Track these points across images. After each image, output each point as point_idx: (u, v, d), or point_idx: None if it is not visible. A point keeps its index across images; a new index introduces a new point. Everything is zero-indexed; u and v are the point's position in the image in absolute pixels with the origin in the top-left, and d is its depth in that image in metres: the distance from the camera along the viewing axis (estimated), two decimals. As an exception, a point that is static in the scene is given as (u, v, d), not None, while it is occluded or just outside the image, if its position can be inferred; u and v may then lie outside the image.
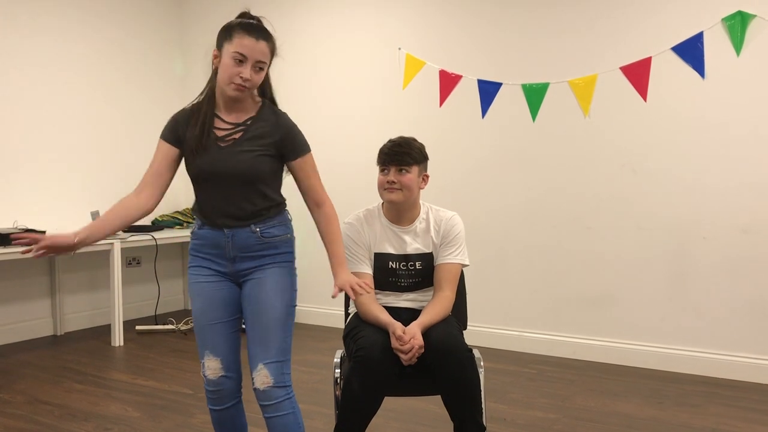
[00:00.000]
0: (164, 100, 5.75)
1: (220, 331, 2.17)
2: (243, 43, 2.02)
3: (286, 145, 2.16)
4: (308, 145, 2.21)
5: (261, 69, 2.08)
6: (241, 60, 2.03)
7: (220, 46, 2.08)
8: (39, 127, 4.92)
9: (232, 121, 2.14)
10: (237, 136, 2.12)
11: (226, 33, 2.06)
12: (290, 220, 2.27)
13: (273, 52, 2.12)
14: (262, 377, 2.09)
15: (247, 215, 2.15)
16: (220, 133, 2.13)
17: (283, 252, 2.20)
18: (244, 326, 2.21)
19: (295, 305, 2.20)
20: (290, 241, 2.24)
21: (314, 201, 2.21)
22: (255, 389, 2.12)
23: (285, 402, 2.11)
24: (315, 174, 2.22)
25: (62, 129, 5.06)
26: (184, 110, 2.22)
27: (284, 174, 2.25)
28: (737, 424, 3.13)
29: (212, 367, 2.16)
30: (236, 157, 2.10)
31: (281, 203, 2.24)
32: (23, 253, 2.00)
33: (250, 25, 2.05)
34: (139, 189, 2.22)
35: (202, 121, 2.13)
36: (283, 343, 2.13)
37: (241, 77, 2.03)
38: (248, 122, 2.14)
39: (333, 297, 2.12)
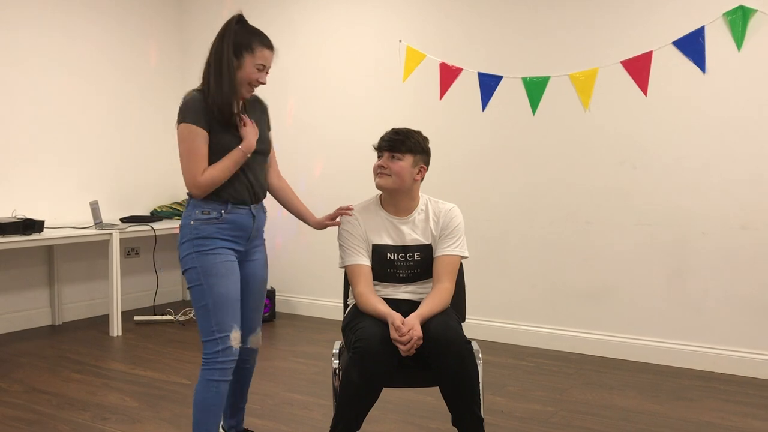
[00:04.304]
0: (162, 95, 5.73)
1: (240, 306, 2.43)
2: (264, 55, 2.37)
3: (268, 119, 2.58)
4: None
5: (267, 74, 2.43)
6: (261, 69, 2.37)
7: (238, 55, 2.33)
8: (38, 119, 4.91)
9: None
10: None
11: (246, 45, 2.33)
12: None
13: None
14: (258, 339, 2.61)
15: (263, 192, 2.51)
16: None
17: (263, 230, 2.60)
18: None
19: None
20: None
21: (276, 173, 2.64)
22: (247, 349, 2.56)
23: None
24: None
25: (61, 120, 5.05)
26: (195, 98, 2.35)
27: None
28: (733, 418, 3.14)
29: (237, 338, 2.38)
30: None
31: None
32: None
33: (265, 38, 2.39)
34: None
35: (228, 104, 2.34)
36: None
37: (259, 81, 2.37)
38: (245, 108, 2.47)
39: (328, 223, 2.64)
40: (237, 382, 2.61)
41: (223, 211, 2.37)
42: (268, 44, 2.39)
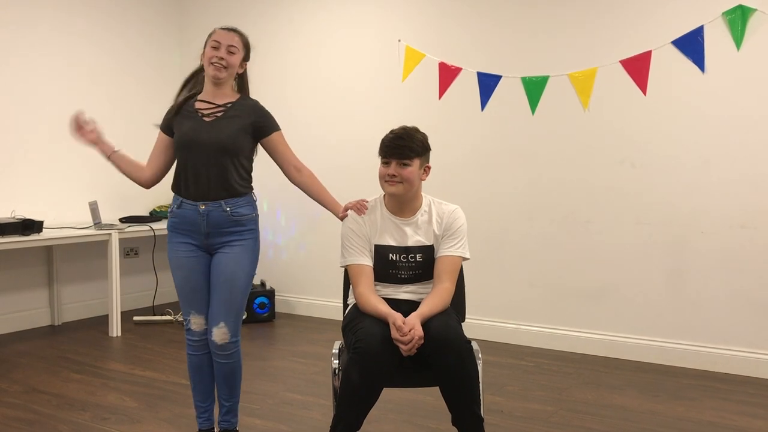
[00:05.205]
0: (162, 93, 5.72)
1: (201, 296, 2.64)
2: (218, 33, 2.60)
3: (261, 123, 2.62)
4: (279, 125, 2.69)
5: (232, 53, 2.58)
6: (216, 46, 2.56)
7: (204, 46, 2.62)
8: (37, 118, 4.90)
9: (216, 102, 2.61)
10: (219, 114, 2.59)
11: (208, 36, 2.62)
12: (255, 201, 2.70)
13: (246, 45, 2.65)
14: (222, 334, 2.59)
15: (221, 190, 2.56)
16: (205, 111, 2.60)
17: (249, 229, 2.63)
18: None
19: (254, 274, 2.69)
20: (255, 219, 2.67)
21: (294, 167, 2.68)
22: (212, 341, 2.60)
23: (235, 351, 2.64)
24: (288, 147, 2.70)
25: (60, 120, 5.03)
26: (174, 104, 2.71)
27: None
28: (733, 417, 3.14)
29: (197, 322, 2.66)
30: (218, 129, 2.55)
31: (250, 184, 2.67)
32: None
33: (224, 26, 2.65)
34: (146, 164, 2.81)
35: (185, 96, 2.68)
36: (241, 307, 2.64)
37: (217, 56, 2.55)
38: (228, 105, 2.61)
39: (341, 219, 2.61)
40: (217, 376, 2.70)
41: (175, 206, 2.65)
42: (223, 26, 2.63)
